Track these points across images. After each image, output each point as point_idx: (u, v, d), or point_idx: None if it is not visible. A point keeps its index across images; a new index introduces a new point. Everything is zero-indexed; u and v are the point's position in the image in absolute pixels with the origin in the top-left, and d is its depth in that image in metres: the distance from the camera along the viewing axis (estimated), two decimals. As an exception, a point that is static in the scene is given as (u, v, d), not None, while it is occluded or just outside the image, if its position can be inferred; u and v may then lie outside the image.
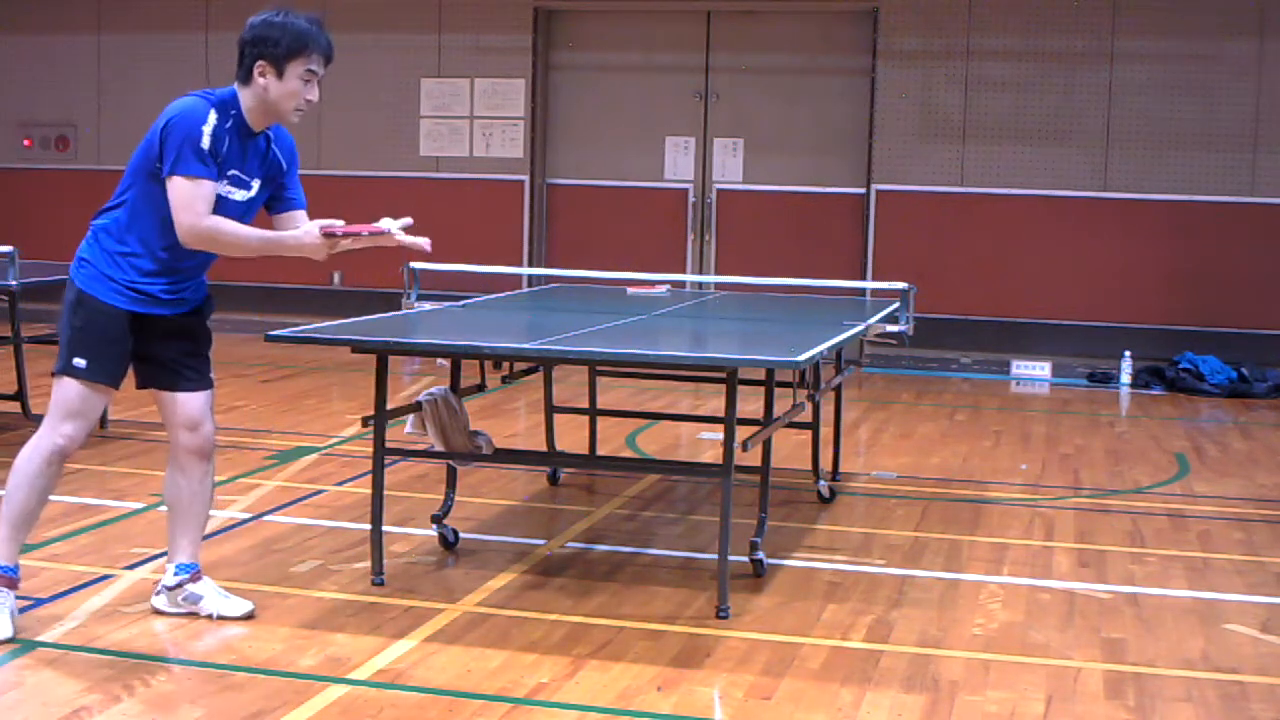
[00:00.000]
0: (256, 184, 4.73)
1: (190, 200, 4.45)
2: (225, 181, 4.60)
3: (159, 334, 4.73)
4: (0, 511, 4.64)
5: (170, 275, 4.67)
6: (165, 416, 4.85)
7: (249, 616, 4.86)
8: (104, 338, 4.60)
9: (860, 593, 5.41)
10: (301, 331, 5.38)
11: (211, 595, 4.88)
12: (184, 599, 4.87)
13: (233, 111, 4.59)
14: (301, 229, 4.71)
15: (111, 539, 5.84)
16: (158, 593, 4.93)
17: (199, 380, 4.87)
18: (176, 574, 4.88)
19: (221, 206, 4.59)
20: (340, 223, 4.73)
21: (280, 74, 4.63)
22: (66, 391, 4.59)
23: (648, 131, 12.44)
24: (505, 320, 6.55)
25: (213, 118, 4.50)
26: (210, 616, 4.83)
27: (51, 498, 4.55)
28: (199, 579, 4.90)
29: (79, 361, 4.58)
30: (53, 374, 4.65)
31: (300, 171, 5.13)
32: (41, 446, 4.60)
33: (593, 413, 7.29)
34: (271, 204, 4.85)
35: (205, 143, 4.46)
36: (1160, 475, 7.87)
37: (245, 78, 4.62)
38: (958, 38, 11.63)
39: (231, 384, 9.93)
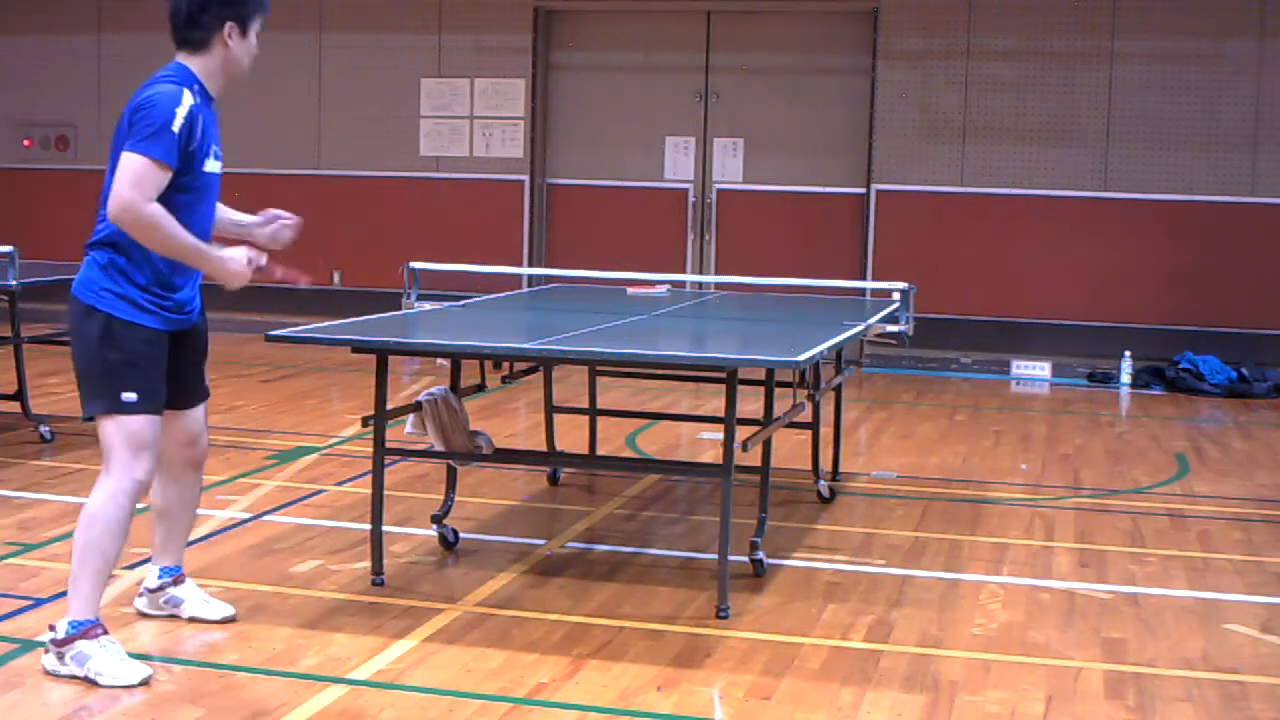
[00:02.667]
0: (220, 152, 4.53)
1: (142, 179, 4.15)
2: (211, 157, 4.40)
3: (178, 350, 4.54)
4: (85, 565, 4.27)
5: (184, 277, 4.47)
6: (166, 432, 4.56)
7: (229, 620, 4.81)
8: (149, 362, 4.35)
9: (860, 593, 5.41)
10: (301, 331, 5.38)
11: (192, 599, 4.84)
12: (165, 601, 4.83)
13: (197, 86, 4.38)
14: (228, 252, 4.38)
15: (111, 539, 5.83)
16: (140, 595, 4.90)
17: (203, 390, 4.77)
18: (160, 577, 4.84)
19: (209, 183, 4.41)
20: (264, 258, 4.48)
21: (245, 33, 4.49)
22: (131, 427, 4.30)
23: (648, 131, 12.44)
24: (505, 320, 6.55)
25: (188, 98, 4.29)
26: (190, 620, 4.79)
27: (51, 497, 4.55)
28: (182, 582, 4.86)
29: (129, 396, 4.29)
30: (85, 410, 4.33)
31: (301, 171, 5.08)
32: (123, 489, 4.29)
33: (593, 413, 7.29)
34: None
35: (177, 125, 4.21)
36: (1160, 475, 7.87)
37: (206, 41, 4.40)
38: (958, 38, 11.63)
39: (231, 384, 9.93)
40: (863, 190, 11.95)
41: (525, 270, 11.53)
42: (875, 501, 7.03)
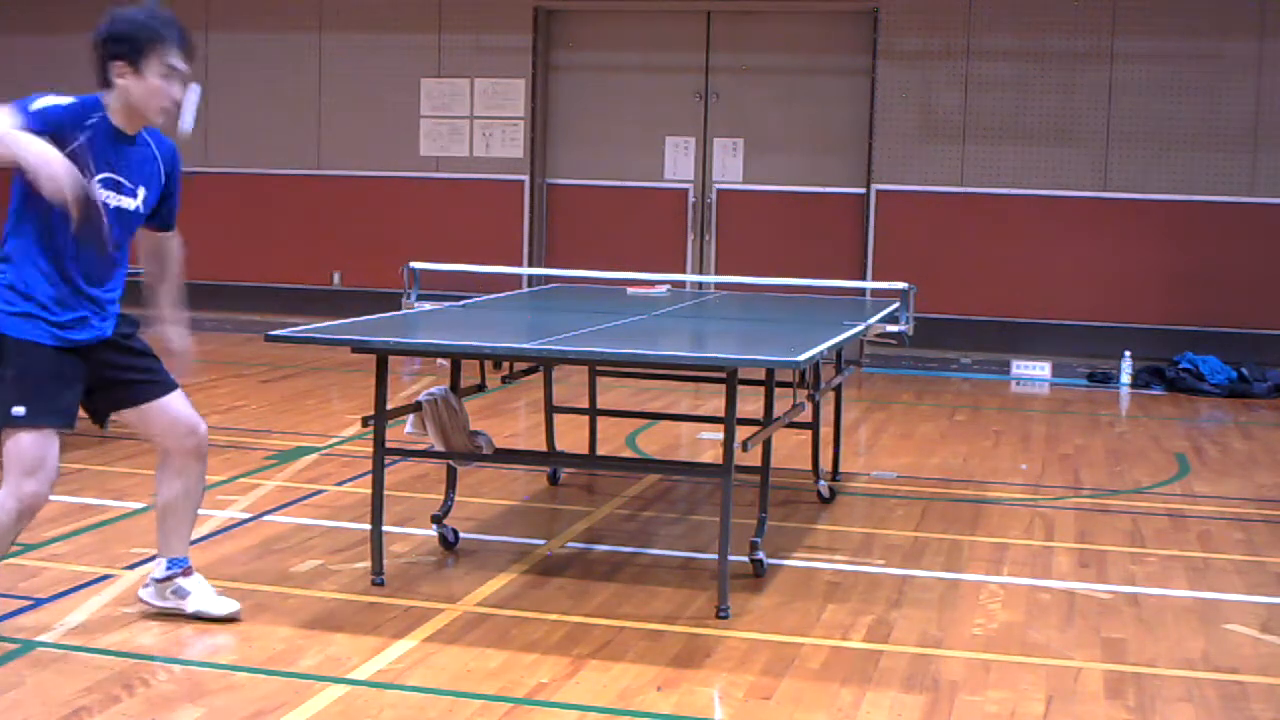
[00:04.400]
0: (142, 192, 4.50)
1: None
2: (98, 185, 4.33)
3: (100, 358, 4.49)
4: None
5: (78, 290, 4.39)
6: (156, 429, 4.63)
7: (233, 619, 4.81)
8: (42, 377, 4.33)
9: (860, 593, 5.41)
10: (301, 331, 5.38)
11: (199, 592, 4.83)
12: (172, 592, 4.82)
13: (96, 112, 4.40)
14: (53, 153, 4.16)
15: (111, 539, 5.84)
16: (146, 585, 4.89)
17: (168, 380, 4.66)
18: (169, 568, 4.84)
19: (108, 217, 4.35)
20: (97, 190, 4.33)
21: (139, 72, 4.45)
22: (16, 444, 4.33)
23: (648, 131, 12.44)
24: (505, 320, 6.55)
25: (65, 100, 4.31)
26: (195, 614, 4.78)
27: (52, 498, 4.53)
28: (190, 574, 4.86)
29: (18, 410, 4.30)
30: None
31: (301, 171, 5.09)
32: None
33: (593, 413, 7.29)
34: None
35: (37, 104, 4.27)
36: (1160, 475, 7.87)
37: (104, 78, 4.46)
38: (958, 38, 11.63)
39: (231, 384, 9.94)
40: (863, 190, 11.95)
41: (525, 270, 11.53)
42: (875, 501, 7.03)
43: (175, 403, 4.67)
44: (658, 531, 6.32)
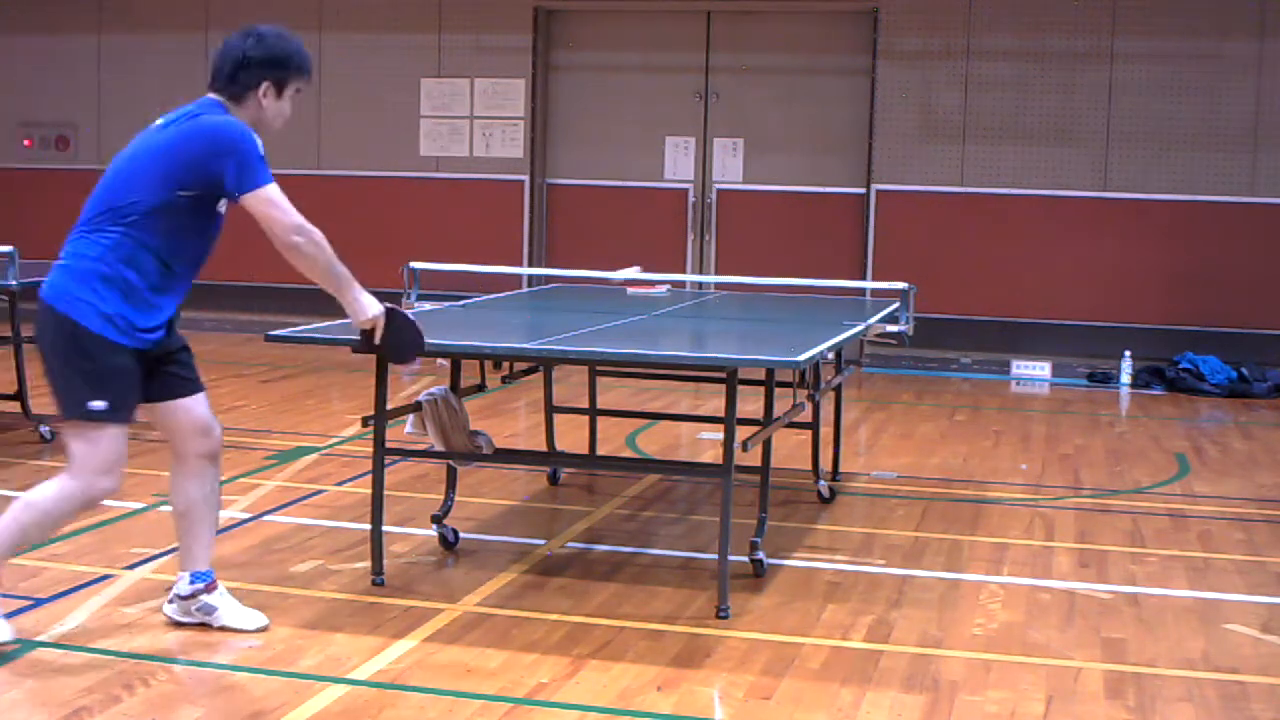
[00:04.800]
0: None
1: (285, 201, 4.48)
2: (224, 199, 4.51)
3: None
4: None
5: (173, 294, 4.53)
6: (175, 427, 4.63)
7: (263, 629, 4.73)
8: (120, 373, 4.41)
9: (860, 593, 5.41)
10: (301, 331, 5.38)
11: (227, 608, 4.74)
12: (198, 609, 4.73)
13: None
14: (368, 298, 4.90)
15: (111, 539, 5.84)
16: (170, 600, 4.78)
17: (197, 380, 4.73)
18: (192, 582, 4.74)
19: (217, 223, 4.54)
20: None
21: (280, 95, 4.64)
22: (94, 436, 4.38)
23: (648, 131, 12.43)
24: (505, 320, 6.55)
25: (253, 134, 4.54)
26: (223, 629, 4.70)
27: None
28: (214, 588, 4.75)
29: (98, 405, 4.36)
30: (64, 416, 4.41)
31: (301, 171, 5.14)
32: (65, 492, 4.40)
33: (593, 413, 7.29)
34: None
35: (260, 153, 4.48)
36: (1160, 475, 7.87)
37: (241, 94, 4.58)
38: (958, 38, 11.63)
39: (231, 384, 9.94)
40: (863, 190, 11.95)
41: (525, 270, 11.52)
42: (875, 501, 7.03)
43: (199, 403, 4.69)
44: (658, 531, 6.32)
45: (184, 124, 4.46)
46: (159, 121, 4.54)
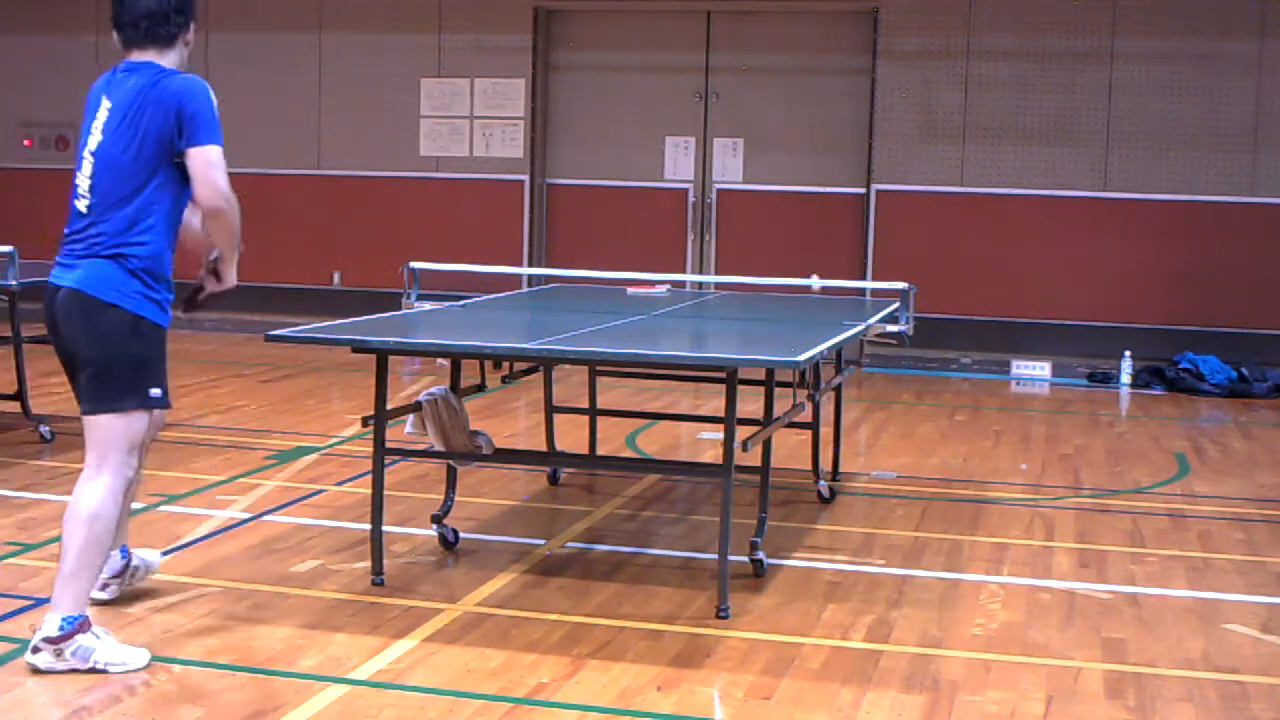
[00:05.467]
0: None
1: (223, 166, 4.34)
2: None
3: None
4: (88, 562, 4.30)
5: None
6: (147, 435, 4.55)
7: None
8: (163, 358, 4.48)
9: (860, 593, 5.41)
10: (301, 331, 5.38)
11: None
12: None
13: None
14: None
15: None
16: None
17: None
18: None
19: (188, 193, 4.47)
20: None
21: (191, 34, 4.60)
22: (136, 424, 4.40)
23: (648, 131, 12.44)
24: (505, 320, 6.55)
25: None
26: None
27: (51, 497, 4.56)
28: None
29: (156, 391, 4.42)
30: (100, 410, 4.35)
31: (301, 171, 5.19)
32: (118, 487, 4.37)
33: (593, 413, 7.28)
34: None
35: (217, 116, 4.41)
36: (1160, 475, 7.87)
37: (170, 41, 4.48)
38: (958, 38, 11.63)
39: (231, 384, 9.93)
40: (863, 190, 11.95)
41: (525, 270, 11.52)
42: (875, 501, 7.03)
43: None
44: (658, 531, 6.32)
45: (147, 85, 4.46)
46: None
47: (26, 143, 13.50)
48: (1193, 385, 10.85)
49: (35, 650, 4.29)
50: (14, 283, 7.48)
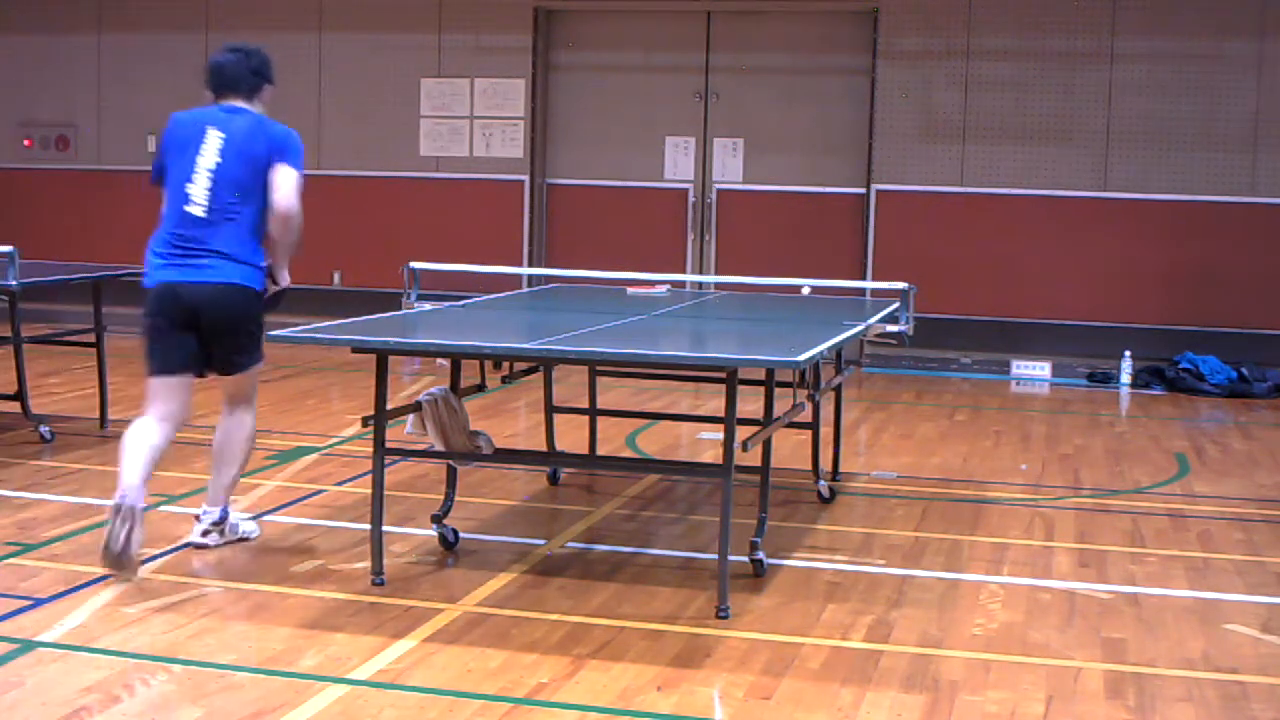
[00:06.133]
0: None
1: (299, 186, 5.57)
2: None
3: None
4: (239, 464, 5.76)
5: None
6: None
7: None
8: None
9: (860, 593, 5.41)
10: (301, 331, 5.38)
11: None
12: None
13: None
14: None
15: (111, 539, 5.83)
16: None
17: None
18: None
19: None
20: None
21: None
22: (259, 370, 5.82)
23: (648, 131, 12.44)
24: (505, 320, 6.55)
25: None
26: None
27: (51, 497, 4.60)
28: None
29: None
30: (249, 366, 5.71)
31: (300, 172, 5.41)
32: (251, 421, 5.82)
33: (593, 413, 7.29)
34: None
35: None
36: (1160, 475, 7.87)
37: (252, 95, 5.75)
38: (958, 38, 11.63)
39: (231, 384, 9.92)
40: (863, 190, 11.95)
41: (525, 270, 11.52)
42: (875, 501, 7.03)
43: None
44: (658, 531, 6.32)
45: (257, 129, 5.68)
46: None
47: (26, 143, 13.49)
48: (1193, 385, 10.85)
49: (205, 534, 5.71)
50: (14, 283, 7.46)
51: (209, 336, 5.56)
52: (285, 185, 5.48)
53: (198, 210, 5.47)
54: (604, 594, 5.29)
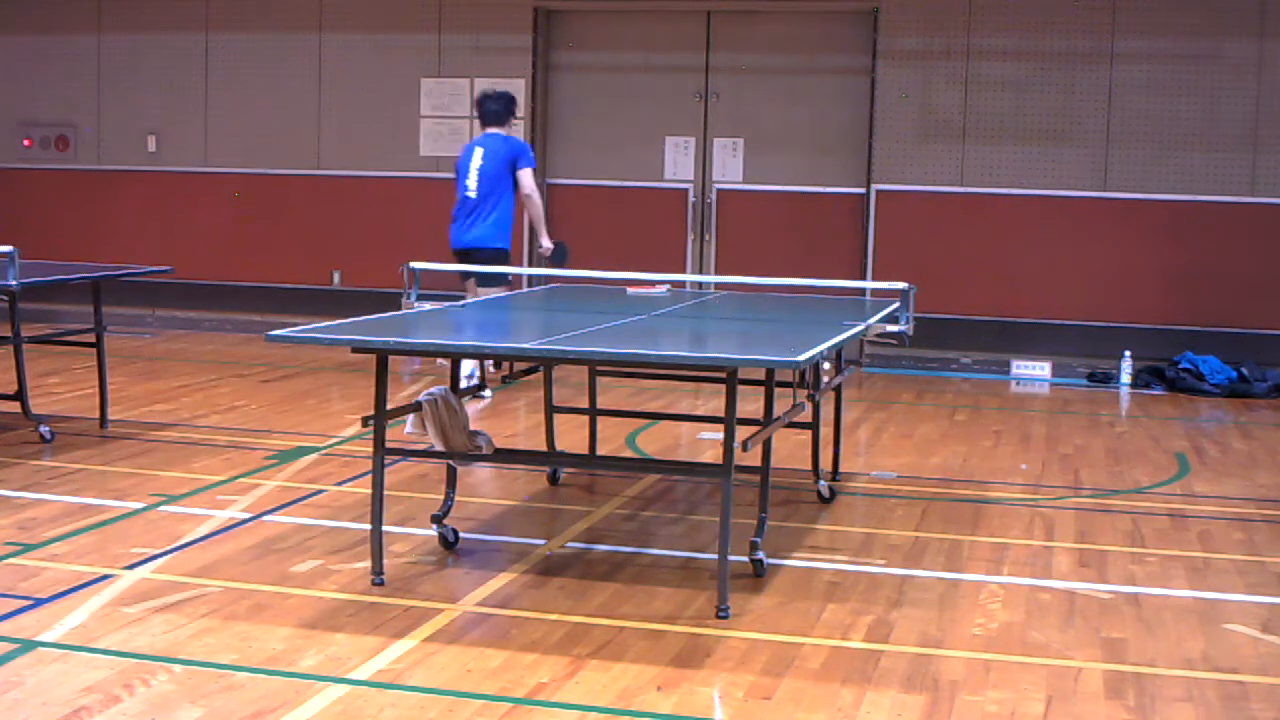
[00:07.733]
0: None
1: (533, 179, 9.71)
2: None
3: None
4: None
5: None
6: None
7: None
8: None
9: (860, 593, 5.41)
10: (301, 331, 5.38)
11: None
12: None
13: None
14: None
15: (111, 539, 5.84)
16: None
17: None
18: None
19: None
20: None
21: None
22: None
23: (648, 131, 12.43)
24: (505, 320, 6.55)
25: None
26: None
27: (51, 497, 4.59)
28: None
29: None
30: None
31: (301, 171, 5.30)
32: None
33: (593, 413, 7.28)
34: None
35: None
36: (1160, 475, 7.87)
37: (503, 123, 9.78)
38: (958, 38, 11.63)
39: (231, 384, 9.93)
40: (863, 190, 11.95)
41: (525, 270, 11.51)
42: (875, 501, 7.03)
43: None
44: (658, 531, 6.32)
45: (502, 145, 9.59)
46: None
47: (26, 143, 13.49)
48: (1193, 385, 10.85)
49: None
50: (14, 283, 7.46)
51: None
52: (524, 180, 9.63)
53: (472, 194, 9.72)
54: (604, 594, 5.29)
